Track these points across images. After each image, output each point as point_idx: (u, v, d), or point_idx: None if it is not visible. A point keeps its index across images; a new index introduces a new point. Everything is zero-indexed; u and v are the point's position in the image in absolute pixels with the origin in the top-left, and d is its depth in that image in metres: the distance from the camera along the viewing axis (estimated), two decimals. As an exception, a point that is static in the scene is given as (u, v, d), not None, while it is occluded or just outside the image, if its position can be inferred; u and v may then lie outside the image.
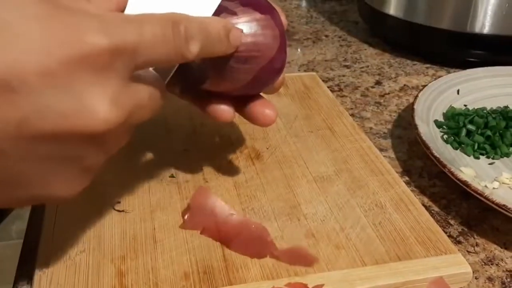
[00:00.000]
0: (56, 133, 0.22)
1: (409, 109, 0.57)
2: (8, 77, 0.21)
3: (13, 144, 0.22)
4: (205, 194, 0.41)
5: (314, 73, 0.67)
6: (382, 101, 0.65)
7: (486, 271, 0.40)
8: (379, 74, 0.73)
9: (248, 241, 0.38)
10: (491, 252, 0.41)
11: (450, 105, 0.57)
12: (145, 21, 0.25)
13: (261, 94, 0.40)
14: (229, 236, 0.38)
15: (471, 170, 0.47)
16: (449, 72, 0.68)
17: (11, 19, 0.21)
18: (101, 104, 0.23)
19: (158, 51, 0.26)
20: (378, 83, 0.70)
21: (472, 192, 0.42)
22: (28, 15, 0.22)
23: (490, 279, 0.39)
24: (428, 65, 0.75)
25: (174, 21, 0.26)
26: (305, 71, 0.73)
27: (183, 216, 0.40)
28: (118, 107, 0.24)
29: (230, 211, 0.40)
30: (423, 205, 0.45)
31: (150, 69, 0.29)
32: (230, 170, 0.47)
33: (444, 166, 0.45)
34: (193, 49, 0.27)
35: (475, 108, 0.57)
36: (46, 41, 0.22)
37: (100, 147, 0.25)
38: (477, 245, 0.42)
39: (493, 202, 0.41)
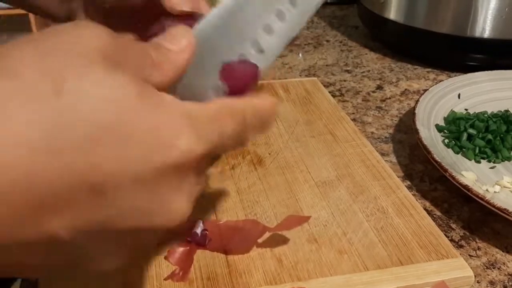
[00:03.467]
0: (134, 229, 0.22)
1: (410, 114, 0.58)
2: (101, 182, 0.20)
3: (88, 239, 0.21)
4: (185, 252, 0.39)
5: (315, 78, 0.67)
6: (383, 105, 0.65)
7: (488, 275, 0.40)
8: (380, 79, 0.73)
9: (242, 238, 0.39)
10: (492, 256, 0.42)
11: (451, 109, 0.58)
12: (223, 118, 0.25)
13: None
14: (227, 244, 0.39)
15: (472, 174, 0.48)
16: (449, 76, 0.69)
17: (113, 120, 0.20)
18: (182, 206, 0.23)
19: (229, 148, 0.26)
20: (379, 87, 0.70)
21: (473, 196, 0.42)
22: (125, 112, 0.21)
23: (492, 283, 0.39)
24: (429, 69, 0.76)
25: (243, 116, 0.26)
26: (306, 76, 0.73)
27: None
28: (192, 202, 0.24)
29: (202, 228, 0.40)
30: (425, 209, 0.45)
31: None
32: (232, 175, 0.47)
33: (445, 170, 0.45)
34: (251, 138, 0.28)
35: (476, 112, 0.58)
36: (144, 146, 0.21)
37: (171, 234, 0.25)
38: (478, 249, 0.42)
39: (494, 206, 0.41)
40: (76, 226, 0.20)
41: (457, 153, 0.52)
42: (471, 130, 0.53)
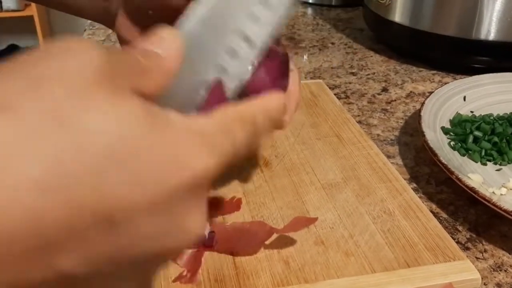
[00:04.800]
0: (149, 254, 0.22)
1: (416, 116, 0.58)
2: (112, 213, 0.19)
3: (101, 270, 0.20)
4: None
5: (320, 81, 0.67)
6: (388, 108, 0.66)
7: (495, 277, 0.40)
8: (385, 81, 0.73)
9: (249, 240, 0.39)
10: (499, 258, 0.42)
11: (457, 112, 0.58)
12: (233, 126, 0.24)
13: None
14: (234, 246, 0.39)
15: (479, 176, 0.48)
16: (455, 79, 0.69)
17: (123, 148, 0.19)
18: (197, 223, 0.23)
19: (241, 155, 0.26)
20: (384, 90, 0.71)
21: (480, 199, 0.42)
22: (132, 138, 0.20)
23: (499, 285, 0.39)
24: (434, 72, 0.76)
25: (253, 119, 0.25)
26: (311, 78, 0.74)
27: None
28: (205, 216, 0.24)
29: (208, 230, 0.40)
30: (431, 211, 0.45)
31: None
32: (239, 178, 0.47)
33: (452, 172, 0.45)
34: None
35: (482, 114, 0.58)
36: (156, 171, 0.20)
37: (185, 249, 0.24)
38: (485, 251, 0.42)
39: (500, 209, 0.41)
40: (88, 260, 0.19)
41: (463, 155, 0.52)
42: (477, 133, 0.53)
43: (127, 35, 0.39)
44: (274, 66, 0.32)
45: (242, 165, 0.36)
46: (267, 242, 0.39)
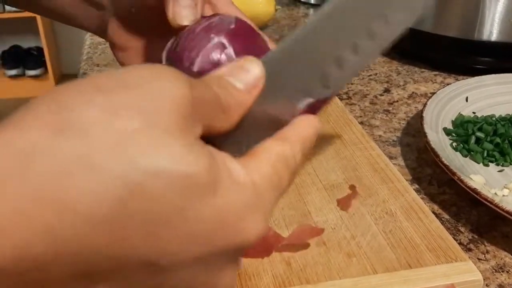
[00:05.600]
0: None
1: (418, 117, 0.58)
2: (160, 262, 0.19)
3: None
4: None
5: (322, 82, 0.67)
6: (390, 108, 0.66)
7: (497, 278, 0.40)
8: (387, 82, 0.73)
9: (258, 243, 0.39)
10: (501, 259, 0.42)
11: (459, 113, 0.58)
12: (281, 175, 0.24)
13: None
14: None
15: (481, 177, 0.48)
16: (457, 79, 0.69)
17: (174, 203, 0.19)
18: (229, 284, 0.23)
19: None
20: (386, 90, 0.71)
21: (482, 200, 0.42)
22: (193, 192, 0.19)
23: (501, 286, 0.39)
24: (436, 73, 0.76)
25: (295, 160, 0.25)
26: (313, 79, 0.73)
27: None
28: (236, 276, 0.25)
29: None
30: (433, 212, 0.45)
31: None
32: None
33: (454, 173, 0.45)
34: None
35: (484, 115, 0.58)
36: (209, 230, 0.20)
37: None
38: (487, 252, 0.42)
39: (503, 210, 0.41)
40: None
41: (465, 156, 0.52)
42: (479, 134, 0.53)
43: (120, 41, 0.39)
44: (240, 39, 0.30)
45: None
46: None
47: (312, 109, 0.27)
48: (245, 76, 0.24)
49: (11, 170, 0.17)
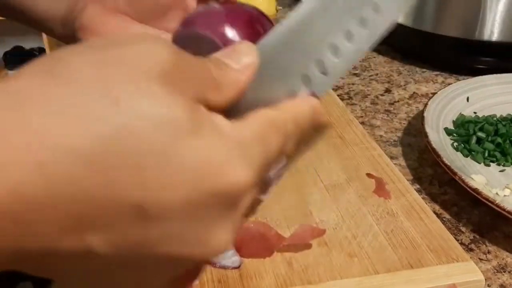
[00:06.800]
0: (172, 257, 0.22)
1: (419, 117, 0.58)
2: (147, 206, 0.20)
3: (123, 260, 0.21)
4: None
5: (323, 82, 0.67)
6: (391, 109, 0.66)
7: (499, 278, 0.40)
8: (388, 82, 0.73)
9: (252, 242, 0.39)
10: (503, 259, 0.42)
11: (460, 113, 0.58)
12: (268, 136, 0.24)
13: None
14: (240, 248, 0.39)
15: (482, 177, 0.48)
16: (458, 80, 0.69)
17: (165, 147, 0.20)
18: (225, 239, 0.22)
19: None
20: (387, 91, 0.71)
21: (483, 200, 0.42)
22: (177, 136, 0.20)
23: (502, 286, 0.39)
24: (437, 73, 0.75)
25: (286, 128, 0.25)
26: (314, 79, 0.74)
27: None
28: (233, 239, 0.23)
29: None
30: (434, 212, 0.45)
31: None
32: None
33: (455, 173, 0.45)
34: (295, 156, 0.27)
35: (485, 115, 0.58)
36: (195, 173, 0.20)
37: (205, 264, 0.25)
38: (489, 252, 0.42)
39: (504, 210, 0.41)
40: (114, 243, 0.20)
41: (466, 156, 0.52)
42: (480, 134, 0.53)
43: (98, 25, 0.38)
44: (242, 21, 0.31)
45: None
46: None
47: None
48: (237, 56, 0.25)
49: (3, 111, 0.18)
